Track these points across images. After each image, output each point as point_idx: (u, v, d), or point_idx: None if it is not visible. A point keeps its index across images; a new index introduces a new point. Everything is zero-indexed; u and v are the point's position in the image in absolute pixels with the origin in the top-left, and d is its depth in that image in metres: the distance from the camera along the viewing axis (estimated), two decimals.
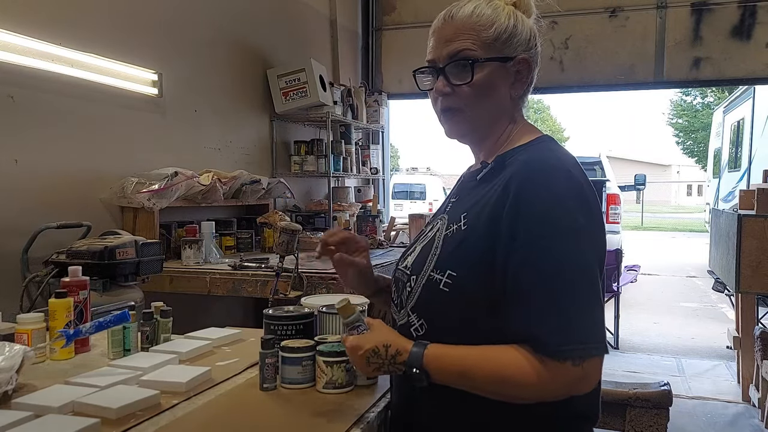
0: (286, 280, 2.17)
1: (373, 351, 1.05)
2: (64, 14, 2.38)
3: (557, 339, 0.93)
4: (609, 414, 2.05)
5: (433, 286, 1.06)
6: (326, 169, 3.98)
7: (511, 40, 1.11)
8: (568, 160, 1.07)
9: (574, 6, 4.70)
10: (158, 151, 2.89)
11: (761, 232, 3.42)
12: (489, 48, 1.10)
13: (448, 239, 1.09)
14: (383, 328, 1.09)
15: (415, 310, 1.10)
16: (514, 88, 1.14)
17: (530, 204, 0.99)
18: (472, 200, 1.11)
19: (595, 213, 1.02)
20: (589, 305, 0.96)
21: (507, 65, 1.12)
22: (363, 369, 1.08)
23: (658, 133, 57.78)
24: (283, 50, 4.01)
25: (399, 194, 14.08)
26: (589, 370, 0.94)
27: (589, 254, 0.99)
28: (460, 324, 1.04)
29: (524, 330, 0.96)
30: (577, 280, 0.96)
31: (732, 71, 4.51)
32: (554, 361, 0.93)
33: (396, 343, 1.05)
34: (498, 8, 1.12)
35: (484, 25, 1.10)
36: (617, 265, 5.04)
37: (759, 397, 3.42)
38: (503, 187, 1.03)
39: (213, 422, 1.08)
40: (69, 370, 1.36)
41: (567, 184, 1.01)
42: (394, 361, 1.03)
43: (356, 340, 1.08)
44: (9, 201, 2.16)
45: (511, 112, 1.16)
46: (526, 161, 1.06)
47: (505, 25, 1.11)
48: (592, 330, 0.95)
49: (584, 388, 0.97)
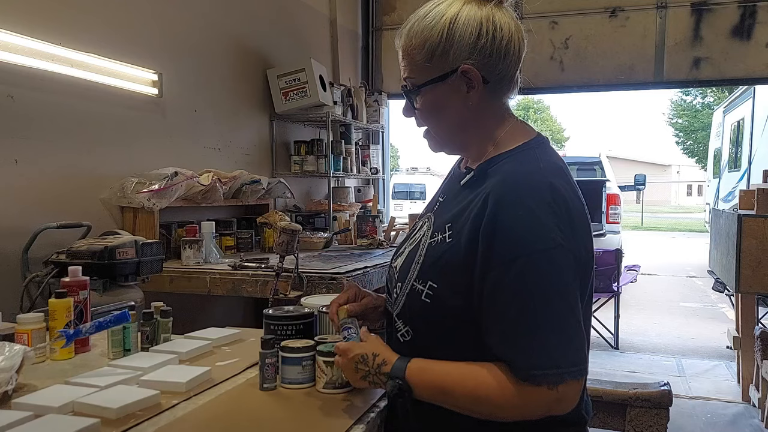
0: (286, 280, 2.17)
1: (361, 357, 1.06)
2: (64, 14, 2.38)
3: (530, 363, 0.92)
4: (609, 414, 2.05)
5: (415, 295, 1.06)
6: (326, 169, 3.97)
7: (446, 53, 1.05)
8: (552, 169, 1.03)
9: (574, 6, 4.70)
10: (158, 151, 2.89)
11: (761, 232, 3.42)
12: (424, 70, 1.07)
13: (431, 249, 1.08)
14: (377, 341, 1.11)
15: (401, 317, 1.11)
16: (470, 96, 1.08)
17: (505, 223, 0.96)
18: (455, 208, 1.09)
19: (576, 226, 0.99)
20: (566, 327, 0.94)
21: (450, 80, 1.07)
22: (350, 375, 1.09)
23: (658, 133, 57.90)
24: (283, 50, 4.01)
25: (399, 194, 14.09)
26: (565, 393, 0.93)
27: (566, 272, 0.96)
28: (443, 333, 1.05)
29: (500, 352, 0.96)
30: (552, 302, 0.94)
31: (732, 71, 4.50)
32: (529, 385, 0.93)
33: (384, 353, 1.06)
34: (437, 15, 1.05)
35: (417, 47, 1.07)
36: (617, 265, 5.03)
37: (759, 397, 3.42)
38: (482, 202, 1.01)
39: (213, 422, 1.08)
40: (69, 370, 1.36)
41: (548, 198, 0.97)
42: (379, 371, 1.04)
43: (347, 344, 1.09)
44: (9, 201, 2.16)
45: (484, 116, 1.11)
46: (505, 176, 1.02)
47: (437, 40, 1.05)
48: (567, 353, 0.93)
49: (562, 410, 0.96)
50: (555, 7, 4.69)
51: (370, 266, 2.62)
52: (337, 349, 1.12)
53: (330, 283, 2.34)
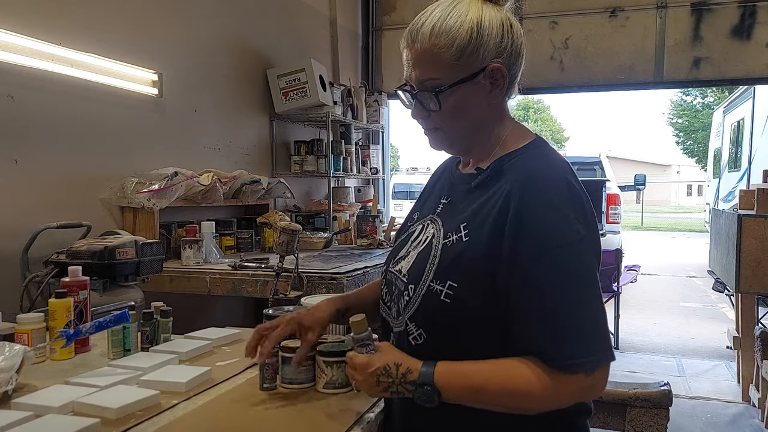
0: (286, 280, 2.17)
1: (384, 369, 1.02)
2: (64, 14, 2.38)
3: (568, 353, 0.94)
4: (609, 414, 2.04)
5: (433, 296, 1.05)
6: (326, 169, 3.97)
7: (476, 52, 1.05)
8: (564, 167, 1.07)
9: (574, 6, 4.70)
10: (158, 151, 2.89)
11: (761, 232, 3.42)
12: (453, 69, 1.06)
13: (447, 249, 1.07)
14: (393, 350, 1.07)
15: (414, 320, 1.08)
16: (492, 95, 1.10)
17: (532, 218, 0.99)
18: (470, 208, 1.09)
19: (590, 220, 1.02)
20: (595, 315, 0.97)
21: (477, 79, 1.07)
22: (371, 389, 1.04)
23: (658, 133, 57.93)
24: (283, 50, 4.01)
25: (399, 194, 14.08)
26: (599, 378, 0.96)
27: (590, 264, 0.99)
28: (461, 335, 1.03)
29: (533, 345, 0.97)
30: (582, 292, 0.97)
31: (732, 71, 4.51)
32: (566, 373, 0.94)
33: (406, 362, 1.03)
34: (461, 15, 1.05)
35: (444, 47, 1.05)
36: (617, 265, 5.03)
37: (759, 397, 3.42)
38: (504, 199, 1.02)
39: (213, 422, 1.08)
40: (69, 370, 1.36)
41: (567, 194, 1.01)
42: (404, 380, 1.01)
43: (366, 358, 1.05)
44: (9, 201, 2.16)
45: (495, 116, 1.13)
46: (526, 174, 1.04)
47: (467, 38, 1.05)
48: (599, 339, 0.96)
49: (593, 395, 0.99)
50: (555, 7, 4.69)
51: (370, 266, 2.62)
52: (352, 363, 1.07)
53: (330, 283, 2.34)
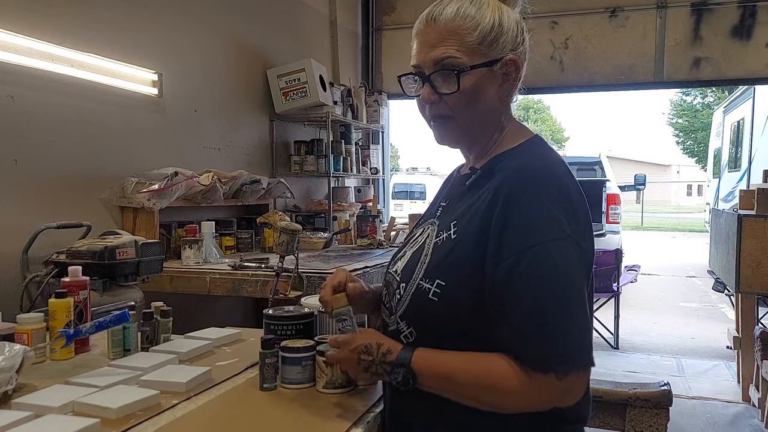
0: (286, 280, 2.17)
1: (365, 347, 1.05)
2: (64, 14, 2.38)
3: (541, 350, 0.93)
4: (609, 414, 2.05)
5: (422, 294, 1.05)
6: (326, 169, 3.97)
7: (497, 40, 1.08)
8: (558, 166, 1.06)
9: (574, 6, 4.70)
10: (158, 151, 2.89)
11: (761, 232, 3.42)
12: (474, 53, 1.07)
13: (437, 248, 1.08)
14: (377, 333, 1.11)
15: (404, 318, 1.09)
16: (503, 89, 1.11)
17: (518, 214, 0.98)
18: (461, 207, 1.10)
19: (582, 220, 1.01)
20: (575, 316, 0.95)
21: (494, 68, 1.08)
22: (352, 366, 1.08)
23: (658, 133, 57.91)
24: (283, 50, 4.01)
25: (399, 194, 14.08)
26: (573, 383, 0.94)
27: (575, 263, 0.98)
28: (448, 333, 1.04)
29: (509, 340, 0.96)
30: (562, 291, 0.95)
31: (732, 71, 4.51)
32: (538, 373, 0.93)
33: (387, 342, 1.06)
34: (483, 6, 1.08)
35: (468, 29, 1.06)
36: (617, 265, 5.03)
37: (759, 397, 3.42)
38: (492, 196, 1.02)
39: (213, 422, 1.08)
40: (69, 370, 1.36)
41: (556, 193, 1.00)
42: (383, 360, 1.04)
43: (349, 336, 1.09)
44: (9, 201, 2.16)
45: (501, 113, 1.14)
46: (516, 169, 1.04)
47: (490, 25, 1.07)
48: (576, 342, 0.94)
49: (568, 401, 0.96)
50: (555, 7, 4.69)
51: (370, 266, 2.62)
52: (335, 342, 1.10)
53: None
